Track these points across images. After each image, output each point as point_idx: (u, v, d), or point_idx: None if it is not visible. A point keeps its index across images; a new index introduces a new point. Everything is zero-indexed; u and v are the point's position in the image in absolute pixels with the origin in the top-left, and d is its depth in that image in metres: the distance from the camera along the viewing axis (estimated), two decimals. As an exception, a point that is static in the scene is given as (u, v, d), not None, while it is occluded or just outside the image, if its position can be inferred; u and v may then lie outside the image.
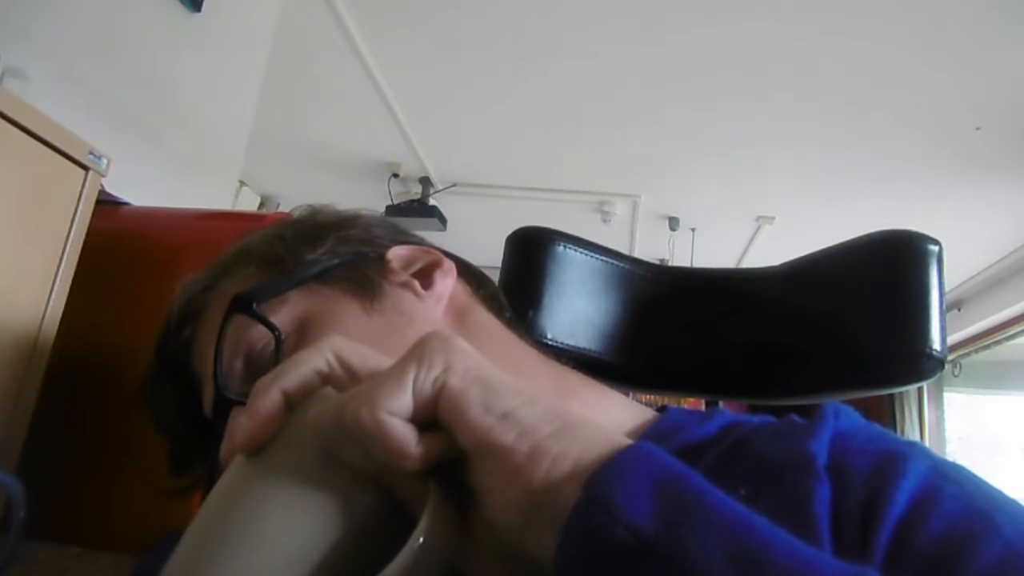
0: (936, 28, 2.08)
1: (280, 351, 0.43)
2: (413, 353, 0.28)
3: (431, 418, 0.27)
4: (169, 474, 0.50)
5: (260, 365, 0.44)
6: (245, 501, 0.27)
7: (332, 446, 0.27)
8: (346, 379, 0.30)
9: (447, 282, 0.50)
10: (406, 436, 0.26)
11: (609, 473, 0.24)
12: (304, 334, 0.44)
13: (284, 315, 0.44)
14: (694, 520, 0.23)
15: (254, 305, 0.43)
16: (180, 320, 0.49)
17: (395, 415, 0.26)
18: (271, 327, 0.43)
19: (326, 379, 0.30)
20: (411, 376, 0.27)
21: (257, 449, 0.28)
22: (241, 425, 0.28)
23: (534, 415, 0.27)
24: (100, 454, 0.74)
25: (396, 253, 0.50)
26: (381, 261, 0.49)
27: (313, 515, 0.27)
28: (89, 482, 0.75)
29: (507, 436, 0.26)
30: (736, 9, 2.12)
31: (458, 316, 0.50)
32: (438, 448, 0.27)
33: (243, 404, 0.42)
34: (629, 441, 0.26)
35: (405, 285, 0.48)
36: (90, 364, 0.75)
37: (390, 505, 0.28)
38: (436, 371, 0.27)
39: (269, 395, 0.29)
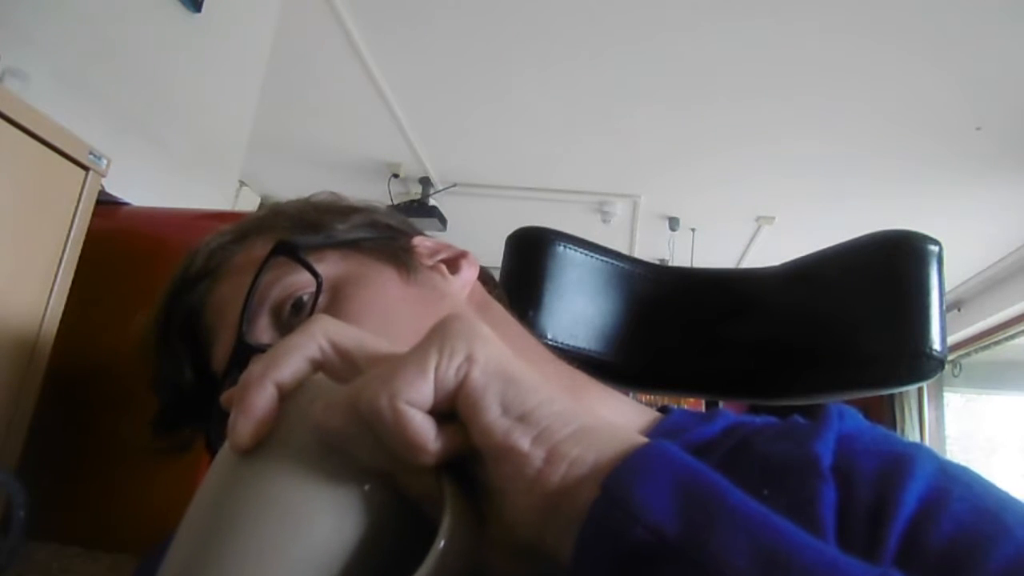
0: (937, 28, 2.08)
1: (319, 297, 0.42)
2: (434, 338, 0.26)
3: (449, 409, 0.26)
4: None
5: (286, 321, 0.43)
6: (247, 507, 0.25)
7: (338, 439, 0.26)
8: (341, 365, 0.28)
9: (472, 272, 0.51)
10: (425, 430, 0.25)
11: (627, 472, 0.24)
12: (338, 293, 0.43)
13: (321, 271, 0.43)
14: (717, 520, 0.22)
15: (300, 252, 0.42)
16: (201, 271, 0.47)
17: (415, 406, 0.25)
18: (315, 273, 0.42)
19: (319, 366, 0.28)
20: (433, 364, 0.25)
21: (254, 447, 0.26)
22: (233, 423, 0.27)
23: (552, 415, 0.26)
24: (100, 454, 0.74)
25: (422, 241, 0.51)
26: (409, 246, 0.50)
27: (322, 520, 0.25)
28: (89, 482, 0.75)
29: (524, 441, 0.25)
30: (736, 8, 2.12)
31: (480, 308, 0.50)
32: (455, 443, 0.26)
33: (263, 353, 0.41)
34: (646, 440, 0.25)
35: (434, 268, 0.49)
36: (90, 364, 0.75)
37: (399, 501, 0.26)
38: (458, 359, 0.25)
39: (262, 389, 0.27)
